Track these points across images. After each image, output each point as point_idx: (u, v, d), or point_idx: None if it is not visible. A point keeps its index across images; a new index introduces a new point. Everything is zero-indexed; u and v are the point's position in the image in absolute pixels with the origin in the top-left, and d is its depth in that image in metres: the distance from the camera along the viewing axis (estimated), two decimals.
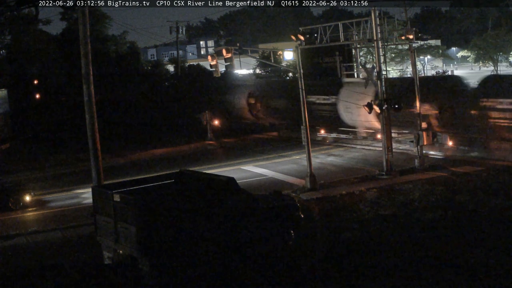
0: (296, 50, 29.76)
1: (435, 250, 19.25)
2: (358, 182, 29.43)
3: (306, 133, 28.84)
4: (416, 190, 26.84)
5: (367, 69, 31.18)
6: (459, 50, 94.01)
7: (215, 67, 29.14)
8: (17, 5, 30.63)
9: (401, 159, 33.44)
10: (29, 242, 23.67)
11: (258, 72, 68.56)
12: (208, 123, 48.02)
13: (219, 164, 36.49)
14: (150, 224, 17.82)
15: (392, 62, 71.61)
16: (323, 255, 19.67)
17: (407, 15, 34.40)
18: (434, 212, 23.47)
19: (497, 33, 79.84)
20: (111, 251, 19.14)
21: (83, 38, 24.58)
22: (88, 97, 24.78)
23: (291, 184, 30.10)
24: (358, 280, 17.34)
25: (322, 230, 22.62)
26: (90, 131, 24.89)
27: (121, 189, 19.75)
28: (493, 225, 21.45)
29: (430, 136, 31.60)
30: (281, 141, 44.47)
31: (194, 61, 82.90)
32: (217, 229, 18.85)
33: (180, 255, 18.21)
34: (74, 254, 21.48)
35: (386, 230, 21.85)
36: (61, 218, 26.62)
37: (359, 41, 32.44)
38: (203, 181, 20.76)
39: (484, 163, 31.37)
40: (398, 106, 29.84)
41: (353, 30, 32.46)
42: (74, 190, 32.14)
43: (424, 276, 17.18)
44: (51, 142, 48.40)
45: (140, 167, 36.99)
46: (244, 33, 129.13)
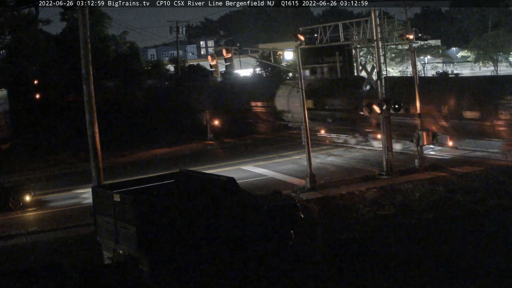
0: (296, 50, 29.75)
1: (434, 250, 19.27)
2: (358, 182, 29.42)
3: (306, 133, 28.83)
4: (416, 190, 26.82)
5: (367, 69, 31.20)
6: (459, 50, 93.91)
7: (215, 67, 29.14)
8: (17, 5, 30.63)
9: (401, 159, 33.43)
10: (29, 242, 23.66)
11: (258, 72, 68.52)
12: (208, 123, 48.02)
13: (219, 164, 36.48)
14: (150, 224, 17.83)
15: (392, 62, 71.58)
16: (323, 255, 19.68)
17: (407, 15, 34.41)
18: (434, 212, 23.48)
19: (497, 33, 79.79)
20: (111, 251, 19.14)
21: (83, 38, 24.57)
22: (88, 97, 24.77)
23: (291, 184, 30.09)
24: (358, 280, 17.35)
25: (322, 230, 22.63)
26: (90, 131, 24.88)
27: (121, 189, 19.76)
28: (493, 225, 21.46)
29: (430, 136, 31.59)
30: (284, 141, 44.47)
31: (194, 61, 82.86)
32: (217, 229, 18.85)
33: (180, 255, 18.21)
34: (74, 254, 21.48)
35: (386, 230, 21.85)
36: (61, 218, 26.61)
37: (359, 41, 32.47)
38: (203, 181, 20.76)
39: (484, 163, 31.37)
40: (398, 106, 29.84)
41: (353, 30, 32.46)
42: (74, 190, 32.13)
43: (424, 276, 17.19)
44: (51, 142, 48.39)
45: (140, 167, 36.98)
46: (244, 33, 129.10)
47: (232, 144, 45.64)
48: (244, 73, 69.24)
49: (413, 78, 32.91)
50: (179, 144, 46.27)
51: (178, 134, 49.53)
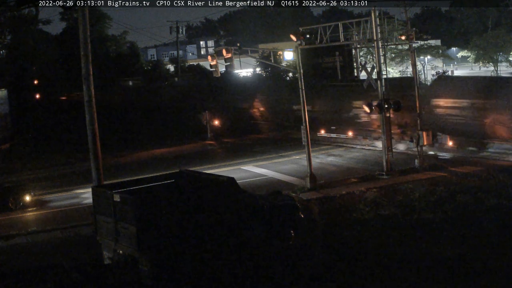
0: (296, 50, 29.75)
1: (434, 250, 19.26)
2: (358, 182, 29.42)
3: (306, 133, 28.83)
4: (416, 190, 26.81)
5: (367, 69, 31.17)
6: (459, 50, 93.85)
7: (215, 67, 29.14)
8: (17, 5, 30.59)
9: (401, 159, 33.43)
10: (29, 242, 23.67)
11: (258, 72, 68.54)
12: (208, 123, 48.02)
13: (219, 164, 36.49)
14: (150, 224, 17.83)
15: (392, 62, 71.54)
16: (323, 255, 19.67)
17: (407, 15, 34.35)
18: (434, 212, 23.47)
19: (497, 33, 79.72)
20: (111, 251, 19.14)
21: (83, 38, 24.55)
22: (88, 97, 24.76)
23: (291, 184, 30.08)
24: (358, 280, 17.34)
25: (322, 230, 22.62)
26: (90, 131, 24.87)
27: (121, 189, 19.76)
28: (493, 225, 21.45)
29: (430, 136, 31.60)
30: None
31: (194, 61, 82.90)
32: (217, 229, 18.86)
33: (180, 255, 18.21)
34: (74, 254, 21.47)
35: (386, 230, 21.85)
36: (61, 218, 26.62)
37: (359, 41, 32.39)
38: (203, 181, 20.77)
39: (484, 163, 31.37)
40: (398, 106, 29.85)
41: (353, 30, 32.44)
42: (74, 190, 32.13)
43: (423, 276, 17.19)
44: (51, 142, 48.40)
45: (140, 167, 36.97)
46: (244, 33, 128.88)
47: (232, 144, 45.65)
48: (244, 73, 69.30)
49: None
50: (179, 144, 46.29)
51: (178, 134, 49.55)
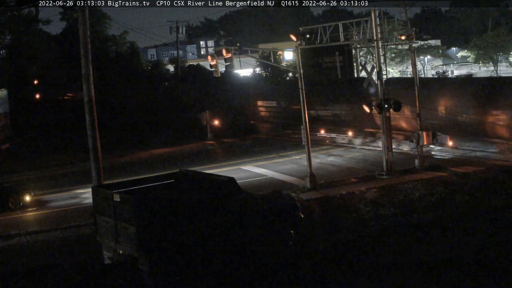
0: (296, 50, 29.73)
1: (434, 250, 19.26)
2: (358, 182, 29.41)
3: (306, 133, 28.82)
4: (416, 190, 26.81)
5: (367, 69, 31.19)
6: (459, 50, 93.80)
7: (215, 67, 29.12)
8: (17, 5, 30.60)
9: (401, 159, 33.42)
10: (29, 242, 23.65)
11: (258, 72, 68.51)
12: (208, 123, 48.01)
13: (219, 164, 36.48)
14: (150, 224, 17.83)
15: (392, 62, 71.56)
16: (323, 255, 19.67)
17: (407, 15, 34.39)
18: (434, 212, 23.47)
19: (497, 33, 79.72)
20: (111, 251, 19.15)
21: (83, 38, 24.56)
22: (88, 97, 24.77)
23: (291, 184, 30.06)
24: (358, 280, 17.34)
25: (322, 230, 22.62)
26: (90, 131, 24.88)
27: (121, 189, 19.76)
28: (493, 225, 21.45)
29: (430, 136, 31.59)
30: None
31: (194, 61, 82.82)
32: (217, 229, 18.86)
33: (180, 255, 18.21)
34: (74, 254, 21.47)
35: (386, 230, 21.85)
36: (61, 218, 26.58)
37: (359, 41, 32.44)
38: (203, 181, 20.77)
39: (484, 163, 31.36)
40: (398, 106, 29.83)
41: (353, 30, 32.44)
42: (74, 190, 32.11)
43: (423, 276, 17.19)
44: (51, 142, 48.38)
45: (140, 167, 36.96)
46: (244, 33, 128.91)
47: (232, 144, 45.64)
48: (244, 73, 69.25)
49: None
50: (179, 144, 46.28)
51: (178, 134, 49.55)
